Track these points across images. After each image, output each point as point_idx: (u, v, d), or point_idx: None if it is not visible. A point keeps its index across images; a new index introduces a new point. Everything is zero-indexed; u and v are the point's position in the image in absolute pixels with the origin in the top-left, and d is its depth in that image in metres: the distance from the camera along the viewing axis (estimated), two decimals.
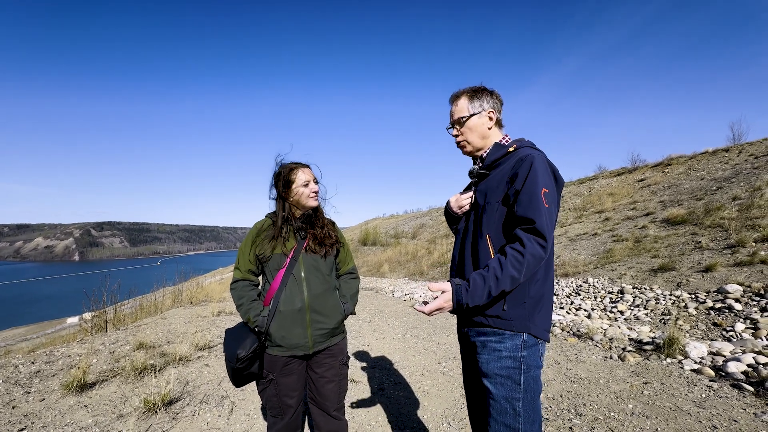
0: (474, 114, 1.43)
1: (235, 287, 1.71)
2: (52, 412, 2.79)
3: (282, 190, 1.73)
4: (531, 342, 1.28)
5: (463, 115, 1.44)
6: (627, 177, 14.09)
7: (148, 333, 5.09)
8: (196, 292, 8.59)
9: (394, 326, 5.56)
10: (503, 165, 1.38)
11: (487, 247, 1.31)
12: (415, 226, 22.71)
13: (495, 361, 1.29)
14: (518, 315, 1.27)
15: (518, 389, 1.25)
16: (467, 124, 1.44)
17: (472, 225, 1.41)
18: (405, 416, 2.74)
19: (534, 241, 1.19)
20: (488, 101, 1.45)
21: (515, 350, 1.27)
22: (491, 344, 1.30)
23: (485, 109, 1.44)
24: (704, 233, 7.05)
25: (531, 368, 1.27)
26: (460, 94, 1.47)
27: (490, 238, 1.32)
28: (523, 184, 1.25)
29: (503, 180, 1.33)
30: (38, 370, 3.67)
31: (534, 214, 1.21)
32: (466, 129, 1.45)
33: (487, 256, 1.31)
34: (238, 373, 1.60)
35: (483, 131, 1.44)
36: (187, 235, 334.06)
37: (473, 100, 1.44)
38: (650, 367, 3.38)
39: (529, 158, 1.29)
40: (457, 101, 1.47)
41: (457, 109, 1.47)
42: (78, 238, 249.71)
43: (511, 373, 1.26)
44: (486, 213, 1.34)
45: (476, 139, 1.45)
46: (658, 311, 5.07)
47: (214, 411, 2.83)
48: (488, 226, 1.33)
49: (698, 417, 2.49)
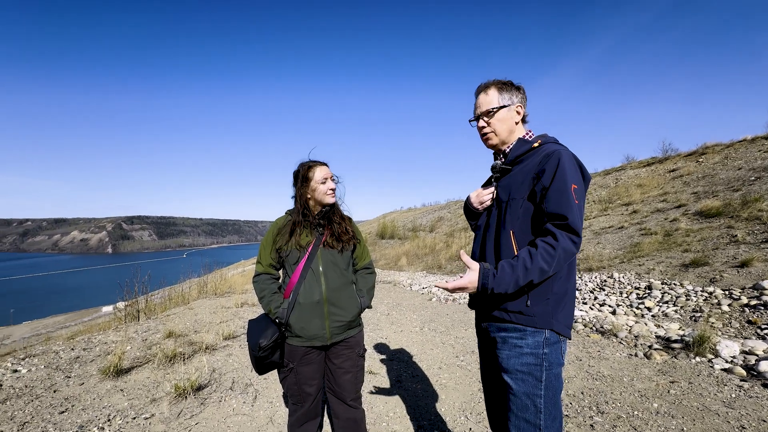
0: (504, 106, 1.41)
1: (258, 280, 1.79)
2: (90, 396, 2.99)
3: (300, 186, 1.78)
4: (553, 339, 1.27)
5: (493, 106, 1.41)
6: (657, 167, 13.45)
7: (176, 322, 5.34)
8: (220, 284, 8.90)
9: (412, 319, 5.59)
10: (527, 161, 1.36)
11: (511, 243, 1.30)
12: (433, 220, 22.57)
13: (516, 357, 1.28)
14: (541, 311, 1.26)
15: (539, 386, 1.25)
16: (496, 115, 1.41)
17: (494, 221, 1.40)
18: (422, 408, 2.77)
19: (566, 237, 1.19)
20: (517, 95, 1.43)
21: (537, 347, 1.26)
22: (512, 340, 1.30)
23: (514, 103, 1.42)
24: (740, 226, 6.68)
25: (553, 365, 1.27)
26: (489, 85, 1.44)
27: (513, 234, 1.31)
28: (551, 181, 1.24)
29: (528, 176, 1.31)
30: (77, 356, 3.92)
31: (566, 211, 1.20)
32: (495, 121, 1.42)
33: (510, 252, 1.30)
34: (261, 361, 1.68)
35: (510, 125, 1.42)
36: (211, 229, 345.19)
37: (503, 92, 1.42)
38: (678, 365, 3.26)
39: (556, 154, 1.27)
40: (486, 91, 1.44)
41: (486, 100, 1.43)
42: (110, 232, 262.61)
43: (533, 369, 1.26)
44: (510, 209, 1.33)
45: (503, 132, 1.43)
46: (689, 308, 4.87)
47: (239, 398, 2.96)
48: (512, 222, 1.32)
49: (726, 417, 2.40)
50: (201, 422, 2.59)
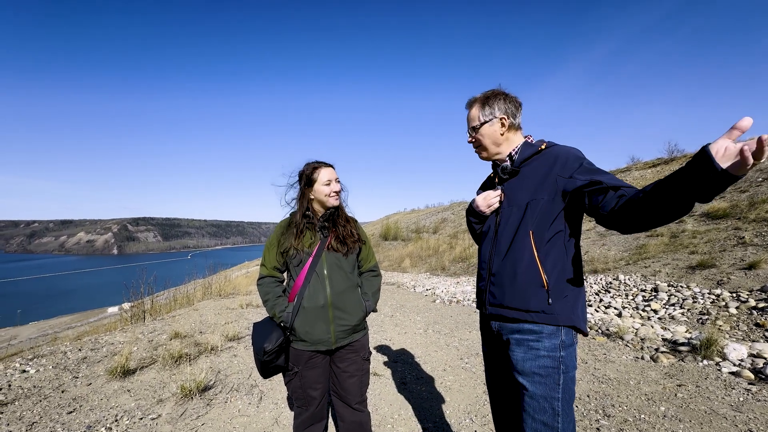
0: (485, 122, 1.45)
1: (262, 283, 1.78)
2: (98, 396, 3.02)
3: (304, 187, 1.77)
4: (568, 342, 1.28)
5: (475, 124, 1.48)
6: (663, 168, 13.35)
7: (182, 323, 5.38)
8: (224, 285, 8.94)
9: (415, 321, 5.59)
10: (536, 163, 1.39)
11: (530, 243, 1.32)
12: (437, 221, 22.53)
13: (532, 360, 1.29)
14: (562, 308, 1.28)
15: (557, 389, 1.26)
16: (480, 131, 1.47)
17: (508, 222, 1.40)
18: (427, 411, 2.77)
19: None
20: (500, 107, 1.44)
21: (554, 350, 1.27)
22: (528, 342, 1.30)
23: (496, 116, 1.45)
24: (748, 228, 6.61)
25: (569, 368, 1.28)
26: (472, 102, 1.50)
27: (532, 234, 1.32)
28: (578, 168, 1.29)
29: (547, 177, 1.34)
30: (85, 357, 3.96)
31: (605, 178, 1.22)
32: (479, 136, 1.48)
33: (529, 252, 1.31)
34: (266, 365, 1.67)
35: (495, 138, 1.46)
36: (215, 230, 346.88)
37: (484, 108, 1.46)
38: (685, 368, 3.24)
39: (565, 151, 1.34)
40: (471, 108, 1.51)
41: (471, 116, 1.50)
42: (116, 233, 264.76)
43: (551, 372, 1.27)
44: (530, 209, 1.34)
45: (490, 146, 1.48)
46: (696, 310, 4.82)
47: (245, 399, 2.97)
48: (532, 222, 1.33)
49: (734, 421, 2.37)
50: (207, 423, 2.60)
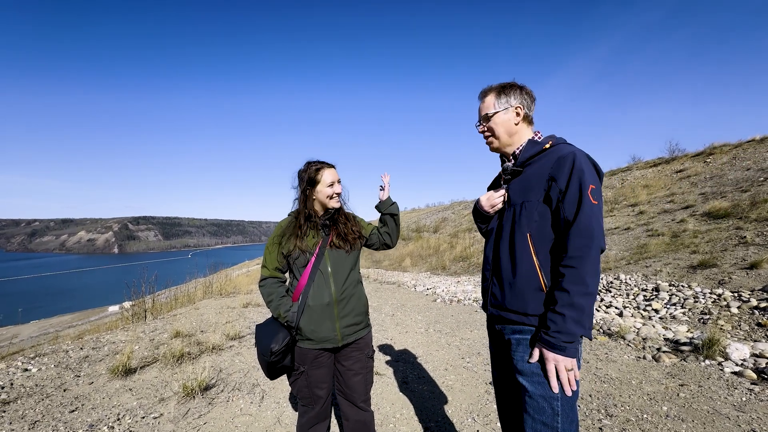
0: (500, 110, 1.42)
1: (264, 284, 1.77)
2: (100, 395, 3.02)
3: (306, 187, 1.76)
4: None
5: (489, 111, 1.44)
6: (664, 168, 13.34)
7: (183, 322, 5.38)
8: (225, 284, 8.95)
9: (417, 320, 5.59)
10: (539, 163, 1.35)
11: (528, 245, 1.29)
12: (437, 220, 22.53)
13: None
14: None
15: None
16: (493, 119, 1.43)
17: (508, 224, 1.38)
18: (429, 410, 2.77)
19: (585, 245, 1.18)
20: (516, 97, 1.42)
21: None
22: (528, 343, 1.29)
23: (512, 105, 1.42)
24: (750, 227, 6.60)
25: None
26: (488, 91, 1.46)
27: (530, 236, 1.30)
28: (567, 183, 1.23)
29: (542, 178, 1.30)
30: (86, 356, 3.96)
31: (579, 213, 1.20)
32: (492, 125, 1.44)
33: (527, 255, 1.29)
34: (273, 366, 1.66)
35: (509, 127, 1.43)
36: (215, 229, 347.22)
37: (500, 97, 1.43)
38: (687, 368, 3.23)
39: (570, 156, 1.26)
40: (484, 98, 1.46)
41: (484, 106, 1.46)
42: (117, 232, 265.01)
43: None
44: (525, 211, 1.32)
45: (503, 135, 1.44)
46: (697, 310, 4.82)
47: (246, 398, 2.97)
48: (528, 225, 1.30)
49: (737, 421, 2.37)
50: (209, 422, 2.60)
